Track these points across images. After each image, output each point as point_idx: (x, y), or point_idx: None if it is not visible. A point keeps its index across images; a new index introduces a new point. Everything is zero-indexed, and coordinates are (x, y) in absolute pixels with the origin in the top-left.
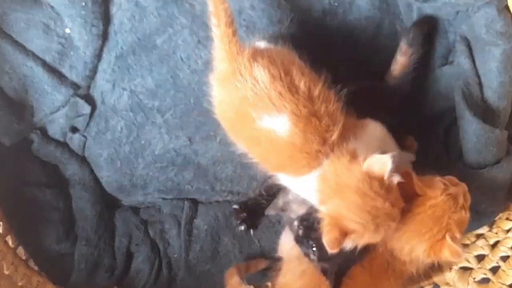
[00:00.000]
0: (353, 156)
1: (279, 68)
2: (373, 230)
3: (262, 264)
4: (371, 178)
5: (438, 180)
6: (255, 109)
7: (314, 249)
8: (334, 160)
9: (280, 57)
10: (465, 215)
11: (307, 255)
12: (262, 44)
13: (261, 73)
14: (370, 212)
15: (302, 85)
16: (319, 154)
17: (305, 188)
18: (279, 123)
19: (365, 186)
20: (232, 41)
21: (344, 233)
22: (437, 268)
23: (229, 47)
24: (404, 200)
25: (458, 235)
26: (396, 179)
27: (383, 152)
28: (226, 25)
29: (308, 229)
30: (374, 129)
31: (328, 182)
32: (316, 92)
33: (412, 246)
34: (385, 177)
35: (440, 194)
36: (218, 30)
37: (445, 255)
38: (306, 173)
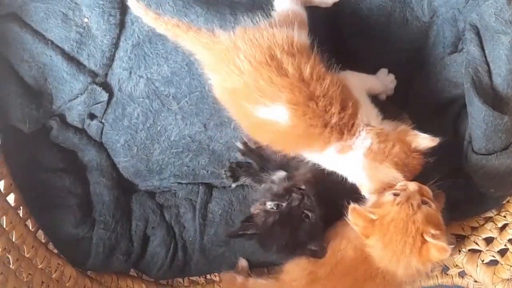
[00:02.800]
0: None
1: (263, 52)
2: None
3: (244, 262)
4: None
5: (387, 194)
6: (248, 101)
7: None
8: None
9: (263, 38)
10: (429, 208)
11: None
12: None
13: (243, 61)
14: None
15: (290, 67)
16: (330, 131)
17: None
18: (277, 113)
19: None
20: (204, 36)
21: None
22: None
23: (205, 42)
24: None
25: (434, 230)
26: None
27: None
28: (172, 27)
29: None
30: (353, 80)
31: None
32: (307, 71)
33: (404, 266)
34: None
35: (391, 207)
36: (171, 34)
37: (434, 255)
38: (325, 148)
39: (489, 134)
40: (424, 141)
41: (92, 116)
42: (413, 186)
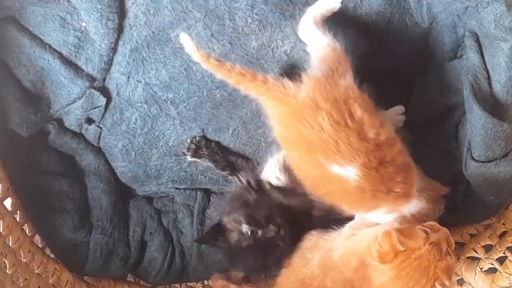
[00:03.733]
0: None
1: (343, 112)
2: None
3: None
4: None
5: (419, 229)
6: (322, 156)
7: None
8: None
9: (341, 94)
10: (451, 260)
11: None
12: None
13: (324, 120)
14: None
15: (370, 131)
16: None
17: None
18: (348, 172)
19: None
20: (273, 88)
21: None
22: None
23: (274, 94)
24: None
25: (447, 282)
26: None
27: None
28: (236, 76)
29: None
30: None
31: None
32: (383, 137)
33: None
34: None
35: (423, 244)
36: (252, 88)
37: None
38: (377, 208)
39: (489, 141)
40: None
41: (90, 121)
42: (445, 231)
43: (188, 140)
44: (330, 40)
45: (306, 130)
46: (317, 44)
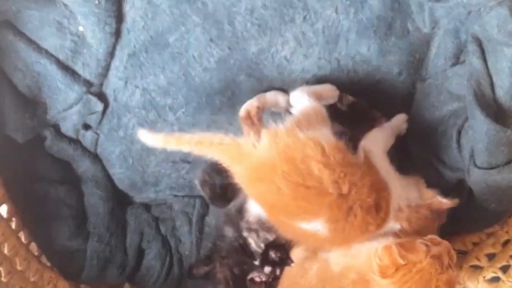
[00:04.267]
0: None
1: (300, 169)
2: None
3: None
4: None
5: (420, 242)
6: (286, 217)
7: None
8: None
9: (298, 150)
10: (453, 273)
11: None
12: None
13: (281, 181)
14: None
15: (330, 185)
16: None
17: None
18: (316, 227)
19: None
20: (229, 149)
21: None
22: None
23: (231, 155)
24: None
25: None
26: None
27: None
28: (196, 145)
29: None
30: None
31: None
32: (345, 186)
33: None
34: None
35: (424, 258)
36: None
37: None
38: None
39: (491, 148)
40: (446, 204)
41: (86, 127)
42: (446, 244)
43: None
44: (316, 103)
45: (265, 190)
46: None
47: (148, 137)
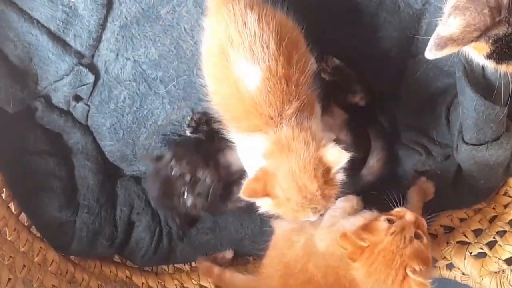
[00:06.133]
0: (312, 134)
1: (270, 23)
2: (292, 209)
3: (229, 254)
4: (320, 163)
5: (382, 220)
6: (234, 51)
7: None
8: (293, 128)
9: (275, 16)
10: (420, 243)
11: None
12: None
13: (253, 21)
14: (300, 190)
15: (285, 45)
16: (270, 121)
17: (253, 144)
18: (251, 74)
19: (310, 165)
20: None
21: (265, 192)
22: None
23: None
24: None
25: (417, 266)
26: (340, 177)
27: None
28: None
29: None
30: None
31: (280, 145)
32: (295, 57)
33: None
34: (333, 170)
35: (384, 236)
36: None
37: None
38: (256, 133)
39: (480, 124)
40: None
41: (77, 98)
42: (410, 216)
43: (189, 117)
44: None
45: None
46: None
47: None
